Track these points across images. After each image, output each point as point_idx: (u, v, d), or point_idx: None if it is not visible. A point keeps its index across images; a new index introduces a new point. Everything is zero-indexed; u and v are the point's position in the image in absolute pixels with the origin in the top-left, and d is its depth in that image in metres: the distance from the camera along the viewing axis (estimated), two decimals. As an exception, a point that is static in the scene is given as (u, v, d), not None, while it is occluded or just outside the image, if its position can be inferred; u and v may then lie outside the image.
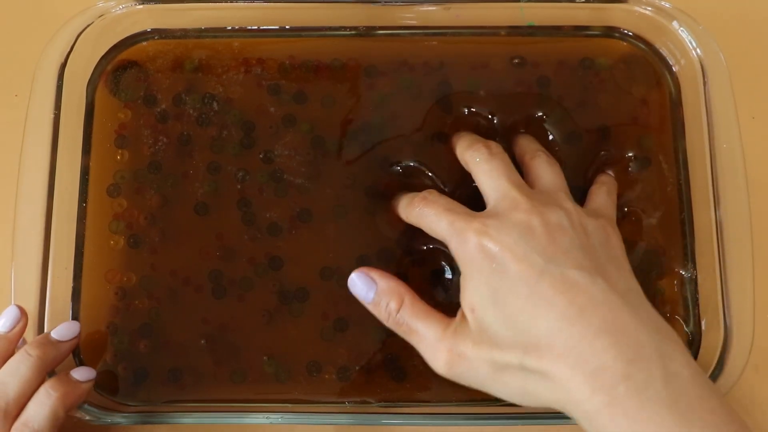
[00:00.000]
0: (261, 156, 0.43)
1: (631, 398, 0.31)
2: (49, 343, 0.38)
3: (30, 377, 0.37)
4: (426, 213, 0.38)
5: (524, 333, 0.33)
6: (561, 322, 0.32)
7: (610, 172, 0.43)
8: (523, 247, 0.34)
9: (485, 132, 0.43)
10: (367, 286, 0.38)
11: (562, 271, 0.34)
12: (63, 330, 0.39)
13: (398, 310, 0.37)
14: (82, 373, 0.39)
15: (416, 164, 0.43)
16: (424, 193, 0.39)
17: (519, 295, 0.34)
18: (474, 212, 0.37)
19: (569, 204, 0.37)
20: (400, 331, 0.37)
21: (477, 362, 0.34)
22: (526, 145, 0.42)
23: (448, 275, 0.42)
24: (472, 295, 0.35)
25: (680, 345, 0.33)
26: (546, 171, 0.39)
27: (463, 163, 0.40)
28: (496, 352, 0.34)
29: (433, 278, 0.42)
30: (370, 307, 0.38)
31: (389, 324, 0.37)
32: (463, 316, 0.35)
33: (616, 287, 0.34)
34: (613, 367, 0.31)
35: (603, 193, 0.41)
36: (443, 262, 0.42)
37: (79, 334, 0.40)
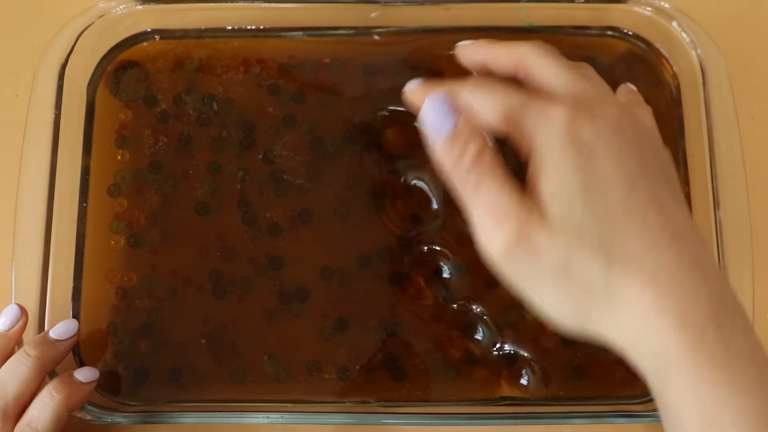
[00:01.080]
0: (261, 156, 0.43)
1: (719, 345, 0.27)
2: (47, 342, 0.38)
3: (29, 377, 0.37)
4: (481, 90, 0.31)
5: (613, 240, 0.28)
6: (656, 241, 0.28)
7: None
8: (618, 145, 0.29)
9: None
10: (446, 114, 0.31)
11: (652, 188, 0.29)
12: (61, 328, 0.39)
13: (478, 156, 0.30)
14: (84, 374, 0.39)
15: (419, 164, 0.43)
16: (473, 81, 0.32)
17: (613, 198, 0.29)
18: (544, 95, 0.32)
19: (633, 107, 0.33)
20: (465, 184, 0.30)
21: (546, 254, 0.29)
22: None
23: (446, 275, 0.42)
24: (556, 182, 0.29)
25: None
26: (594, 74, 0.34)
27: (517, 58, 0.34)
28: (576, 249, 0.28)
29: (433, 278, 0.42)
30: (441, 143, 0.31)
31: (456, 170, 0.30)
32: (539, 200, 0.29)
33: (684, 210, 0.30)
34: (703, 303, 0.28)
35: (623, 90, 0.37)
36: (442, 263, 0.42)
37: (78, 332, 0.40)
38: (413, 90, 0.33)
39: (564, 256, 0.29)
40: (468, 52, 0.35)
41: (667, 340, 0.28)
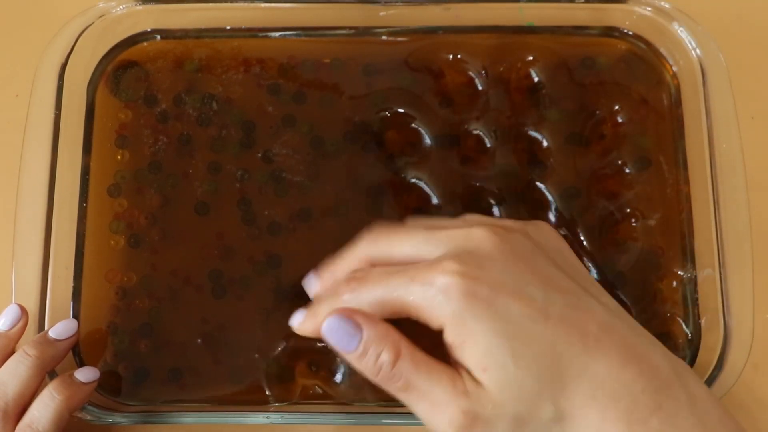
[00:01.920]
0: (261, 156, 0.43)
1: (665, 429, 0.29)
2: (47, 342, 0.38)
3: (29, 377, 0.37)
4: (366, 289, 0.31)
5: (551, 379, 0.29)
6: (584, 359, 0.29)
7: None
8: (514, 280, 0.29)
9: (487, 132, 0.43)
10: (349, 333, 0.30)
11: (562, 302, 0.30)
12: (61, 328, 0.39)
13: (394, 363, 0.30)
14: (85, 374, 0.39)
15: (419, 164, 0.43)
16: (354, 275, 0.32)
17: (535, 338, 0.29)
18: (428, 261, 0.30)
19: (519, 225, 0.32)
20: (394, 388, 0.30)
21: (497, 421, 0.29)
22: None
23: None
24: (480, 352, 0.29)
25: (678, 359, 0.32)
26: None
27: (359, 260, 0.33)
28: (522, 406, 0.29)
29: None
30: (353, 359, 0.30)
31: (378, 379, 0.30)
32: (473, 377, 0.30)
33: (609, 306, 0.31)
34: (643, 400, 0.29)
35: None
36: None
37: (78, 332, 0.40)
38: (301, 323, 0.32)
39: (513, 416, 0.29)
40: (313, 288, 0.34)
41: None
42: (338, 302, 0.31)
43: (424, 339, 0.31)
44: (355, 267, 0.33)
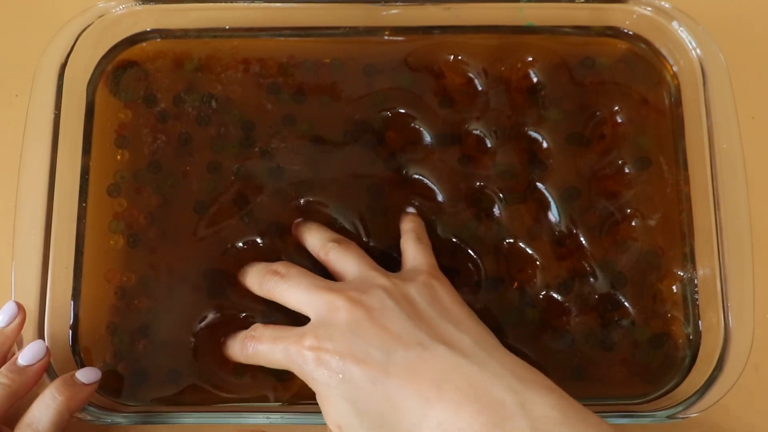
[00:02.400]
0: (260, 155, 0.43)
1: None
2: (16, 370, 0.38)
3: None
4: (260, 350, 0.38)
5: (394, 431, 0.33)
6: (423, 408, 0.32)
7: (411, 210, 0.42)
8: (359, 346, 0.34)
9: (487, 132, 0.43)
10: None
11: (403, 356, 0.34)
12: (29, 353, 0.38)
13: None
14: (86, 375, 0.39)
15: (419, 164, 0.43)
16: (250, 330, 0.39)
17: (377, 398, 0.33)
18: (299, 328, 0.36)
19: (383, 279, 0.37)
20: None
21: None
22: (313, 241, 0.41)
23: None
24: (334, 413, 0.35)
25: (543, 385, 0.33)
26: (343, 259, 0.39)
27: (266, 297, 0.40)
28: None
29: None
30: None
31: None
32: (338, 426, 0.35)
33: (461, 348, 0.34)
34: None
35: (410, 242, 0.40)
36: (442, 263, 0.42)
37: (48, 354, 0.39)
38: (226, 352, 0.40)
39: None
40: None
41: None
42: (244, 352, 0.38)
43: None
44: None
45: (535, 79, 0.44)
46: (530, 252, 0.42)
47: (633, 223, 0.43)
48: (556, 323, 0.42)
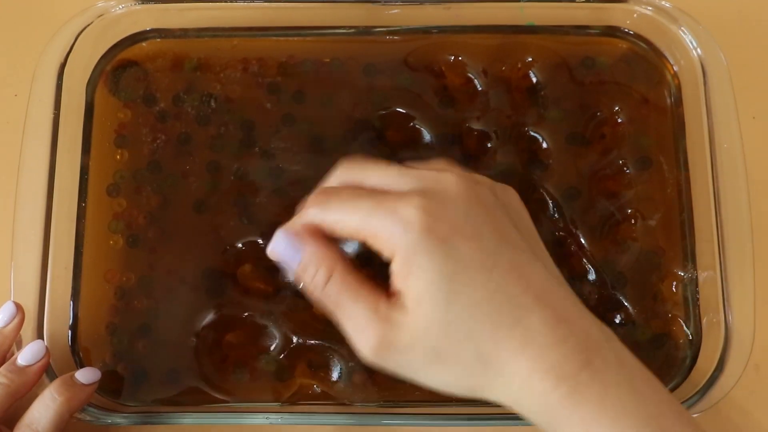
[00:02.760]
0: (260, 155, 0.43)
1: (593, 383, 0.30)
2: (16, 370, 0.38)
3: None
4: (336, 206, 0.32)
5: (480, 323, 0.30)
6: (519, 310, 0.30)
7: None
8: (473, 225, 0.31)
9: (487, 132, 0.43)
10: (293, 249, 0.32)
11: (510, 257, 0.31)
12: (28, 353, 0.38)
13: (327, 282, 0.32)
14: (86, 375, 0.39)
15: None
16: (323, 188, 0.34)
17: (476, 284, 0.30)
18: (389, 193, 0.32)
19: (477, 175, 0.34)
20: (327, 303, 0.32)
21: (413, 352, 0.31)
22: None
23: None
24: (420, 287, 0.30)
25: (610, 331, 0.33)
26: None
27: (347, 181, 0.34)
28: (443, 342, 0.31)
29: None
30: (296, 273, 0.32)
31: (315, 295, 0.32)
32: (404, 305, 0.31)
33: (552, 272, 0.33)
34: (573, 356, 0.30)
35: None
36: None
37: (47, 354, 0.38)
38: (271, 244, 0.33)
39: (432, 351, 0.31)
40: (277, 247, 0.34)
41: (547, 398, 0.30)
42: (305, 215, 0.32)
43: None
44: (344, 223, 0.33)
45: (535, 79, 0.44)
46: (530, 252, 0.42)
47: (633, 223, 0.42)
48: (556, 323, 0.41)
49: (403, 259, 0.30)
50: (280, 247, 0.32)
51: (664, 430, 0.30)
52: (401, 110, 0.44)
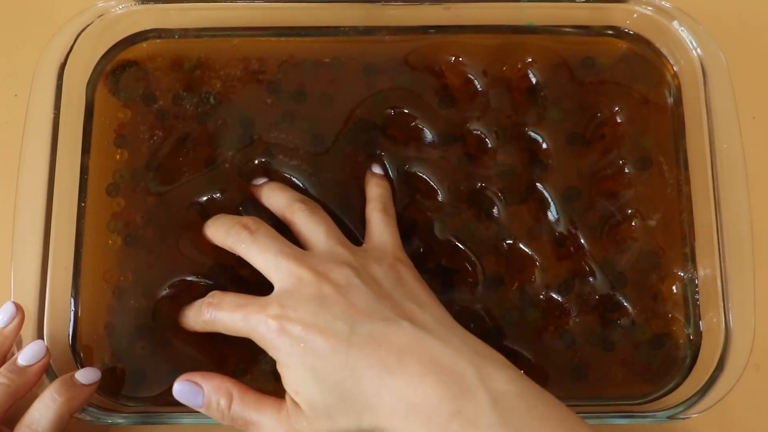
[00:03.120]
0: (260, 154, 0.43)
1: (465, 430, 0.32)
2: (16, 370, 0.38)
3: None
4: (219, 317, 0.37)
5: (353, 398, 0.34)
6: (383, 377, 0.33)
7: (377, 170, 0.42)
8: (324, 318, 0.35)
9: (487, 132, 0.43)
10: (193, 392, 0.37)
11: (368, 330, 0.34)
12: (29, 353, 0.38)
13: (230, 407, 0.37)
14: (86, 376, 0.38)
15: (419, 164, 0.43)
16: (208, 297, 0.38)
17: (336, 366, 0.34)
18: (263, 298, 0.37)
19: (350, 257, 0.37)
20: (238, 426, 0.37)
21: None
22: (277, 200, 0.41)
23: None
24: (293, 379, 0.35)
25: (501, 362, 0.34)
26: (310, 223, 0.39)
27: (228, 249, 0.39)
28: (331, 423, 0.34)
29: (441, 275, 0.42)
30: (204, 411, 0.38)
31: (226, 422, 0.37)
32: (292, 399, 0.36)
33: (424, 324, 0.35)
34: (442, 407, 0.32)
35: (376, 213, 0.40)
36: (441, 262, 0.42)
37: (48, 354, 0.39)
38: (182, 321, 0.40)
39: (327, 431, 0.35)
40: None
41: None
42: (200, 318, 0.38)
43: None
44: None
45: (535, 79, 0.44)
46: (530, 252, 0.42)
47: (633, 223, 0.42)
48: (556, 323, 0.41)
49: (279, 363, 0.36)
50: (183, 396, 0.38)
51: None
52: (402, 110, 0.44)
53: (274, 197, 0.41)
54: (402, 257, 0.39)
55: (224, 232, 0.39)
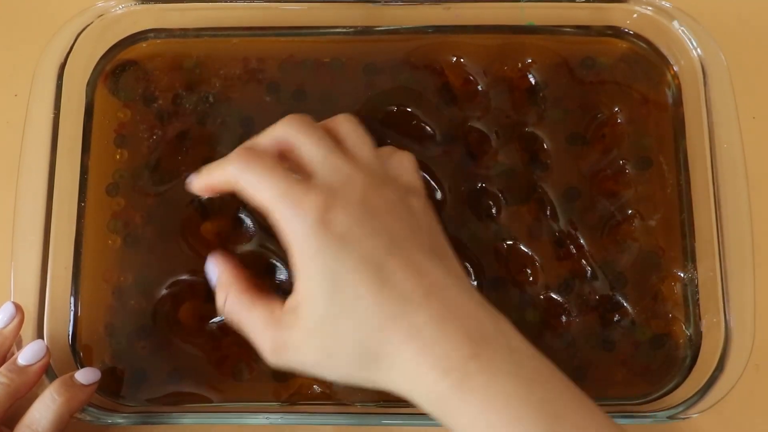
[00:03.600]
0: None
1: (482, 373, 0.31)
2: (16, 369, 0.38)
3: None
4: (250, 168, 0.33)
5: (364, 317, 0.32)
6: (407, 305, 0.31)
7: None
8: (370, 225, 0.32)
9: (488, 132, 0.43)
10: (212, 273, 0.37)
11: (408, 255, 0.32)
12: (29, 352, 0.38)
13: (224, 303, 0.36)
14: (86, 376, 0.38)
15: (419, 164, 0.43)
16: (247, 143, 0.35)
17: (362, 279, 0.31)
18: (303, 179, 0.33)
19: (392, 171, 0.35)
20: (233, 325, 0.35)
21: (306, 350, 0.33)
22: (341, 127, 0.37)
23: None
24: (308, 280, 0.32)
25: (508, 322, 0.34)
26: (357, 136, 0.36)
27: (281, 141, 0.35)
28: (332, 340, 0.32)
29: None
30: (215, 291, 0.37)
31: (223, 316, 0.36)
32: (297, 301, 0.33)
33: (449, 268, 0.34)
34: (461, 348, 0.31)
35: (402, 157, 0.37)
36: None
37: (48, 353, 0.38)
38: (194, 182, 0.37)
39: (323, 349, 0.33)
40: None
41: (436, 389, 0.31)
42: (224, 168, 0.35)
43: None
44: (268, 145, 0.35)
45: (535, 79, 0.44)
46: (530, 252, 0.42)
47: (633, 224, 0.42)
48: (556, 324, 0.41)
49: (295, 255, 0.32)
50: (209, 271, 0.37)
51: (557, 414, 0.31)
52: (402, 109, 0.44)
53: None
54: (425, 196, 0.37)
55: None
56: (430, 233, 0.35)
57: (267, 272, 0.42)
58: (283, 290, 0.41)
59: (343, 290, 0.32)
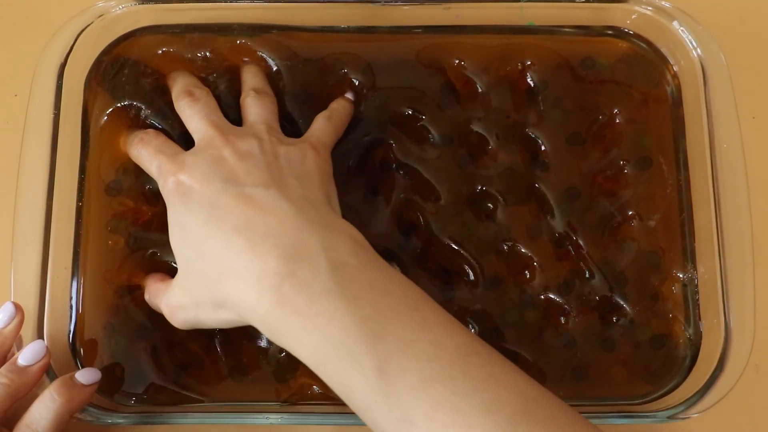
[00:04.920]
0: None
1: (299, 294, 0.32)
2: (16, 370, 0.38)
3: None
4: (142, 153, 0.40)
5: (211, 254, 0.34)
6: (230, 236, 0.33)
7: (349, 96, 0.43)
8: (211, 175, 0.36)
9: (488, 132, 0.43)
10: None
11: (238, 190, 0.35)
12: (29, 353, 0.38)
13: (146, 296, 0.40)
14: (86, 376, 0.38)
15: (419, 164, 0.43)
16: (141, 132, 0.41)
17: (198, 222, 0.35)
18: (181, 153, 0.38)
19: (265, 135, 0.38)
20: (155, 309, 0.40)
21: (186, 305, 0.37)
22: (244, 82, 0.43)
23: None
24: (172, 242, 0.37)
25: (351, 237, 0.34)
26: (252, 107, 0.41)
27: (177, 110, 0.41)
28: (197, 294, 0.36)
29: (441, 275, 0.42)
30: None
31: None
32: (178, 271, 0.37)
33: (290, 196, 0.35)
34: (275, 267, 0.32)
35: (322, 118, 0.42)
36: (441, 262, 0.42)
37: (48, 354, 0.38)
38: None
39: (194, 302, 0.36)
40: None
41: (258, 310, 0.33)
42: (131, 148, 0.41)
43: None
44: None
45: (535, 80, 0.44)
46: (530, 253, 0.42)
47: (633, 224, 0.42)
48: (556, 324, 0.41)
49: (169, 224, 0.37)
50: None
51: (378, 332, 0.31)
52: (402, 110, 0.44)
53: (244, 75, 0.43)
54: (319, 148, 0.39)
55: (176, 95, 0.41)
56: (285, 167, 0.37)
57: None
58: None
59: (187, 235, 0.35)
